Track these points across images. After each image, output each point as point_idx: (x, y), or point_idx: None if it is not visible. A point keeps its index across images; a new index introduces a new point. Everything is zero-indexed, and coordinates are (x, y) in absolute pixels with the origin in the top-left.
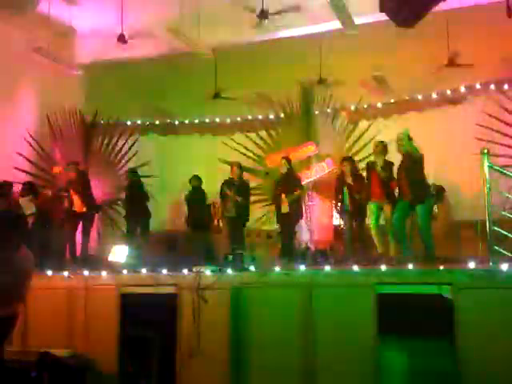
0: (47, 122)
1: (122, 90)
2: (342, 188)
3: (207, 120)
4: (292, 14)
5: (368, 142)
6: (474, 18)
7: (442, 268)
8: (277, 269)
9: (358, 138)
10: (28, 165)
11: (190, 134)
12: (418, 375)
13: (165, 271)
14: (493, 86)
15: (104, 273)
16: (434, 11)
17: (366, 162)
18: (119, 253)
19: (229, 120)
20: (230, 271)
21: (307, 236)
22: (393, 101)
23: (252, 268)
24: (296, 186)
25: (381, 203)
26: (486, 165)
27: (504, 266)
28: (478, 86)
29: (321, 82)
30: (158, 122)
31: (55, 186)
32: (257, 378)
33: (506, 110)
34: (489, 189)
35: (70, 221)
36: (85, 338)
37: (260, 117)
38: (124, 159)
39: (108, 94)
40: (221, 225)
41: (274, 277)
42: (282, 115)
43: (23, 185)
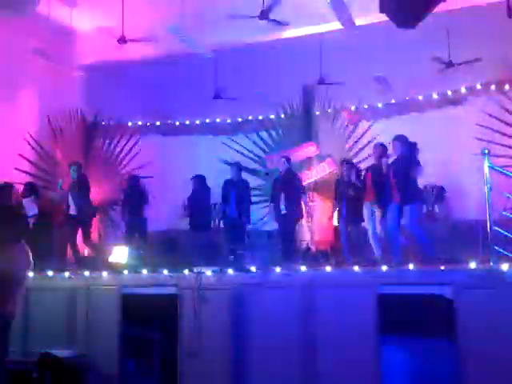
0: (47, 122)
1: (123, 91)
2: (341, 190)
3: (208, 120)
4: (292, 14)
5: (367, 142)
6: (474, 19)
7: (442, 268)
8: (277, 269)
9: (359, 139)
10: (28, 166)
11: (191, 135)
12: (418, 375)
13: (165, 271)
14: (493, 87)
15: (105, 273)
16: (435, 12)
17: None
18: (120, 254)
19: (229, 120)
20: (230, 271)
21: (308, 236)
22: (393, 101)
23: (253, 268)
24: (296, 186)
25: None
26: (486, 165)
27: (504, 267)
28: (479, 87)
29: (321, 82)
30: (158, 123)
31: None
32: (257, 378)
33: (506, 110)
34: (489, 189)
35: (67, 223)
36: (86, 338)
37: (260, 117)
38: (125, 160)
39: (108, 94)
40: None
41: (274, 277)
42: (283, 116)
43: (24, 185)
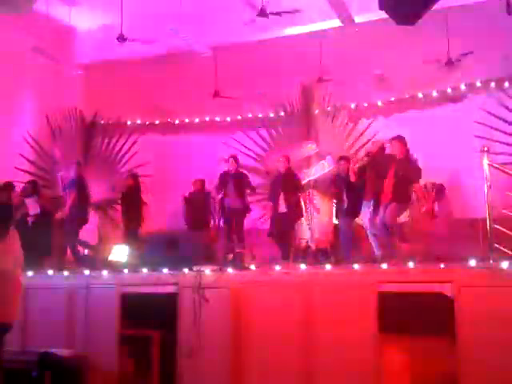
0: (47, 121)
1: (122, 90)
2: (340, 187)
3: (207, 119)
4: (292, 12)
5: (367, 141)
6: (474, 16)
7: (442, 266)
8: (277, 268)
9: (359, 137)
10: (28, 165)
11: (190, 134)
12: (418, 374)
13: (165, 270)
14: (493, 84)
15: (104, 272)
16: (434, 9)
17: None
18: (119, 252)
19: (229, 119)
20: (230, 270)
21: (308, 235)
22: (393, 99)
23: (252, 267)
24: (295, 185)
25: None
26: (485, 163)
27: (504, 264)
28: (479, 84)
29: (321, 80)
30: (157, 122)
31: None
32: (257, 378)
33: (506, 108)
34: (489, 186)
35: (65, 221)
36: (85, 337)
37: (260, 116)
38: (124, 159)
39: (108, 93)
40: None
41: (274, 276)
42: (283, 114)
43: (27, 183)
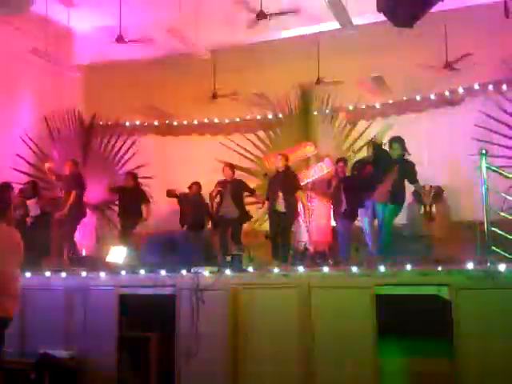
0: (45, 123)
1: (121, 91)
2: (338, 188)
3: (206, 121)
4: (290, 14)
5: (366, 142)
6: (472, 19)
7: (440, 269)
8: (275, 270)
9: (357, 139)
10: (26, 166)
11: (189, 135)
12: (416, 376)
13: (163, 272)
14: (491, 87)
15: (102, 273)
16: (432, 11)
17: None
18: (117, 253)
19: (227, 121)
20: (228, 272)
21: (306, 237)
22: (391, 101)
23: (250, 269)
24: (294, 184)
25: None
26: (483, 165)
27: (502, 267)
28: (477, 87)
29: (319, 82)
30: (156, 123)
31: (54, 186)
32: (255, 379)
33: (504, 110)
34: (486, 189)
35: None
36: (84, 338)
37: (259, 117)
38: (122, 160)
39: (106, 95)
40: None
41: (272, 278)
42: (281, 116)
43: (26, 184)
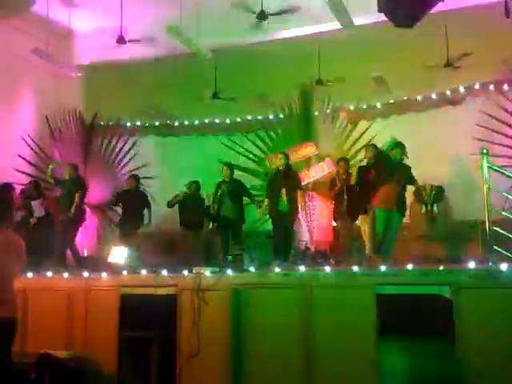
0: (47, 123)
1: (122, 91)
2: (339, 188)
3: (207, 121)
4: (291, 14)
5: (367, 142)
6: (472, 19)
7: (441, 268)
8: (277, 269)
9: (358, 139)
10: (28, 166)
11: (190, 135)
12: (417, 375)
13: (165, 272)
14: (492, 87)
15: (104, 274)
16: (433, 11)
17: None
18: (119, 254)
19: (228, 121)
20: (229, 272)
21: (307, 236)
22: (392, 101)
23: (252, 269)
24: (295, 183)
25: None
26: (485, 165)
27: (503, 266)
28: (478, 87)
29: (320, 82)
30: (157, 123)
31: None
32: (257, 379)
33: (505, 110)
34: (488, 189)
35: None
36: (85, 339)
37: (259, 117)
38: (124, 160)
39: (107, 95)
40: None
41: (273, 277)
42: (282, 116)
43: (28, 184)
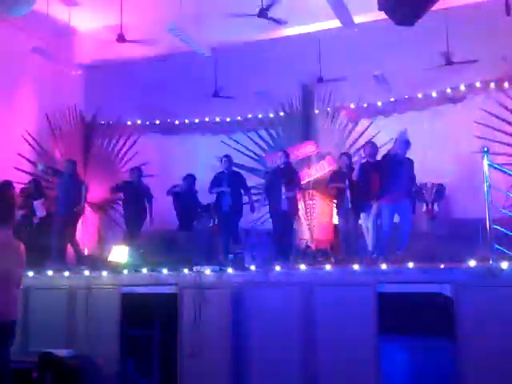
0: (47, 121)
1: (122, 90)
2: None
3: (207, 119)
4: (291, 12)
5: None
6: (473, 16)
7: (442, 267)
8: (277, 268)
9: (359, 137)
10: (28, 165)
11: (190, 134)
12: (418, 374)
13: (165, 271)
14: (493, 85)
15: (105, 272)
16: (434, 9)
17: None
18: (120, 253)
19: (229, 119)
20: (230, 270)
21: (307, 235)
22: (393, 99)
23: (252, 267)
24: (295, 180)
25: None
26: (485, 163)
27: (504, 265)
28: (478, 85)
29: (320, 80)
30: (157, 122)
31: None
32: (257, 378)
33: (506, 108)
34: (488, 187)
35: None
36: (86, 337)
37: (260, 116)
38: (124, 159)
39: (108, 93)
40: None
41: (274, 276)
42: (282, 114)
43: (28, 183)
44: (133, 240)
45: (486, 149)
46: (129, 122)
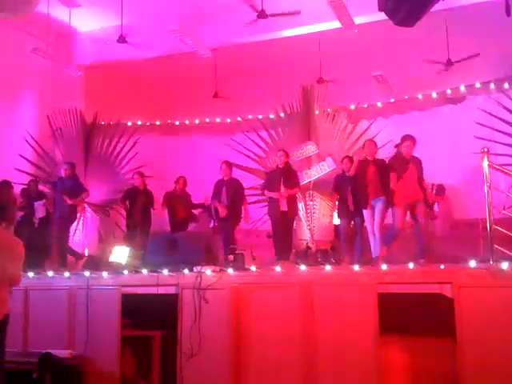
0: (48, 122)
1: (122, 91)
2: (343, 185)
3: (207, 120)
4: (291, 13)
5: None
6: (473, 17)
7: (442, 267)
8: (277, 269)
9: (359, 138)
10: (28, 166)
11: (191, 135)
12: (418, 374)
13: (165, 271)
14: (493, 85)
15: (105, 273)
16: (433, 10)
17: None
18: (120, 253)
19: (229, 120)
20: (230, 271)
21: (308, 235)
22: (393, 100)
23: (253, 268)
24: (293, 180)
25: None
26: (485, 164)
27: (504, 265)
28: (478, 85)
29: (321, 81)
30: (158, 123)
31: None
32: (257, 378)
33: (506, 108)
34: (489, 187)
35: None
36: (86, 338)
37: (260, 117)
38: (124, 160)
39: (108, 94)
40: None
41: (274, 276)
42: (282, 115)
43: (28, 183)
44: (133, 241)
45: (486, 149)
46: (129, 123)
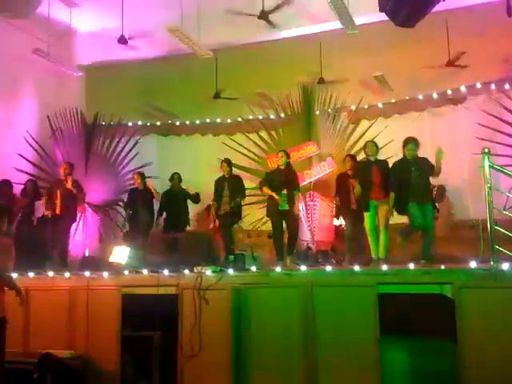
0: (48, 123)
1: (123, 91)
2: (346, 185)
3: (208, 120)
4: (292, 13)
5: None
6: (474, 18)
7: (443, 267)
8: (278, 269)
9: (359, 138)
10: (29, 166)
11: (191, 135)
12: (418, 375)
13: (166, 272)
14: (493, 86)
15: (105, 273)
16: (434, 11)
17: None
18: (120, 254)
19: (229, 120)
20: (231, 271)
21: (308, 236)
22: (393, 101)
23: (253, 268)
24: (294, 181)
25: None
26: (486, 164)
27: (505, 266)
28: (479, 86)
29: (321, 81)
30: (158, 123)
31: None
32: (258, 378)
33: (506, 109)
34: (489, 188)
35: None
36: (86, 338)
37: (260, 117)
38: (125, 160)
39: (109, 94)
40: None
41: (275, 277)
42: (283, 115)
43: (27, 183)
44: (134, 241)
45: (486, 150)
46: (130, 123)
